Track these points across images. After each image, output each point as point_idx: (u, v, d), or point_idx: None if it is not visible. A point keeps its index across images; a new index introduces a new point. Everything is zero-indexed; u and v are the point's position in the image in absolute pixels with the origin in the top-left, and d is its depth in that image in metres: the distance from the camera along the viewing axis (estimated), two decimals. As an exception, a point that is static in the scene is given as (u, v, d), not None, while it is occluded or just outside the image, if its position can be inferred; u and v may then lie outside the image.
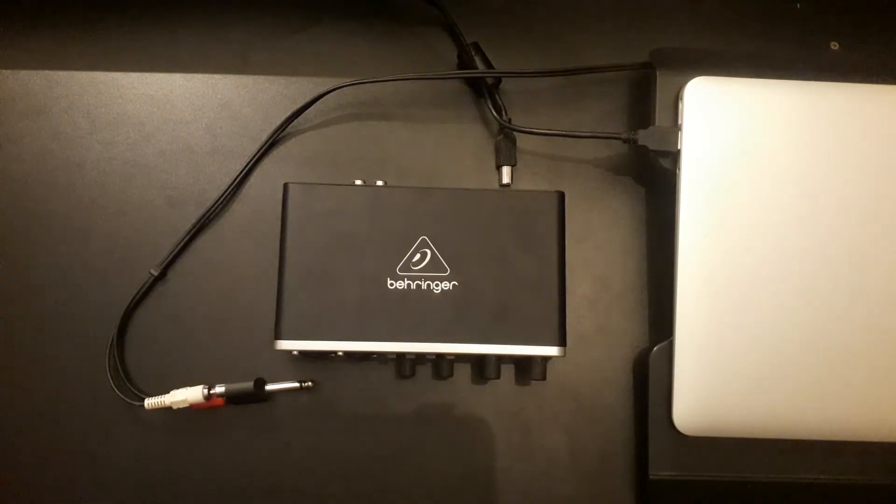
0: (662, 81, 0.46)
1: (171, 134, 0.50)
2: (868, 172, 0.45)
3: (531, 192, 0.45)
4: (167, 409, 0.44)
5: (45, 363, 0.46)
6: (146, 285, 0.47)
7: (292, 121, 0.49)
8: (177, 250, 0.47)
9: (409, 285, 0.43)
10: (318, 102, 0.49)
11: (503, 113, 0.49)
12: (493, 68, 0.49)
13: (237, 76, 0.51)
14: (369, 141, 0.50)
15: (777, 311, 0.43)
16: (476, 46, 0.50)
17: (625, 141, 0.47)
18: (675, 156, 0.45)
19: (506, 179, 0.49)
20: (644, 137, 0.45)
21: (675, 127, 0.45)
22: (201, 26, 0.52)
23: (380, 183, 0.45)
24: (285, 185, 0.44)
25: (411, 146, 0.50)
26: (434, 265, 0.43)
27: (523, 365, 0.46)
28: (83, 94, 0.50)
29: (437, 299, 0.42)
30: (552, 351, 0.42)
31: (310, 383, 0.46)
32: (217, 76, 0.51)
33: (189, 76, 0.51)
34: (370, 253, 0.43)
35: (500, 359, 0.43)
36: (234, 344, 0.46)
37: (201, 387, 0.44)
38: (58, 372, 0.46)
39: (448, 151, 0.50)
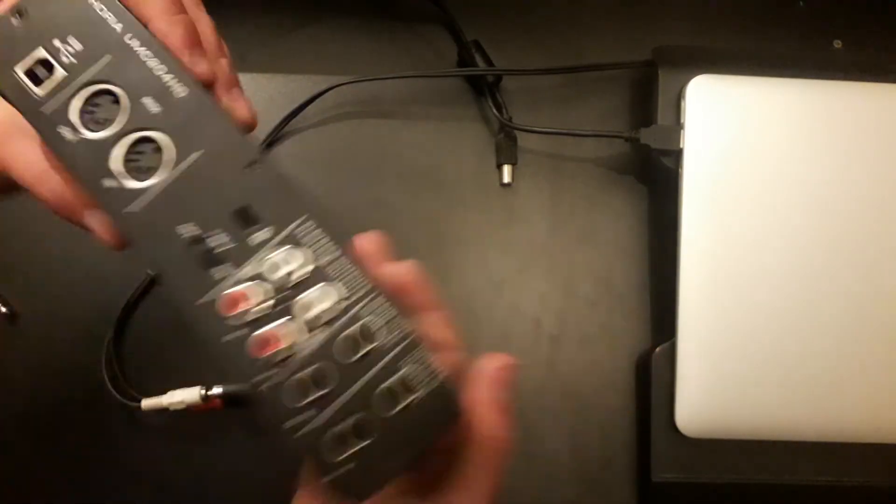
0: (665, 79, 0.46)
1: (169, 132, 0.49)
2: (871, 171, 0.44)
3: None
4: (164, 411, 0.44)
5: (42, 363, 0.46)
6: (144, 285, 0.46)
7: (291, 119, 0.49)
8: (174, 250, 0.47)
9: None
10: (316, 101, 0.48)
11: (504, 111, 0.49)
12: (494, 66, 0.49)
13: (235, 74, 0.50)
14: (368, 139, 0.49)
15: (780, 311, 0.43)
16: (476, 44, 0.49)
17: (627, 139, 0.46)
18: (677, 154, 0.45)
19: (506, 178, 0.49)
20: (646, 136, 0.45)
21: (678, 125, 0.45)
22: (199, 24, 0.51)
23: None
24: None
25: (411, 145, 0.49)
26: None
27: None
28: (80, 93, 0.50)
29: None
30: None
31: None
32: (215, 74, 0.50)
33: (187, 74, 0.50)
34: None
35: None
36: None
37: (198, 388, 0.44)
38: (54, 372, 0.46)
39: (448, 150, 0.50)
